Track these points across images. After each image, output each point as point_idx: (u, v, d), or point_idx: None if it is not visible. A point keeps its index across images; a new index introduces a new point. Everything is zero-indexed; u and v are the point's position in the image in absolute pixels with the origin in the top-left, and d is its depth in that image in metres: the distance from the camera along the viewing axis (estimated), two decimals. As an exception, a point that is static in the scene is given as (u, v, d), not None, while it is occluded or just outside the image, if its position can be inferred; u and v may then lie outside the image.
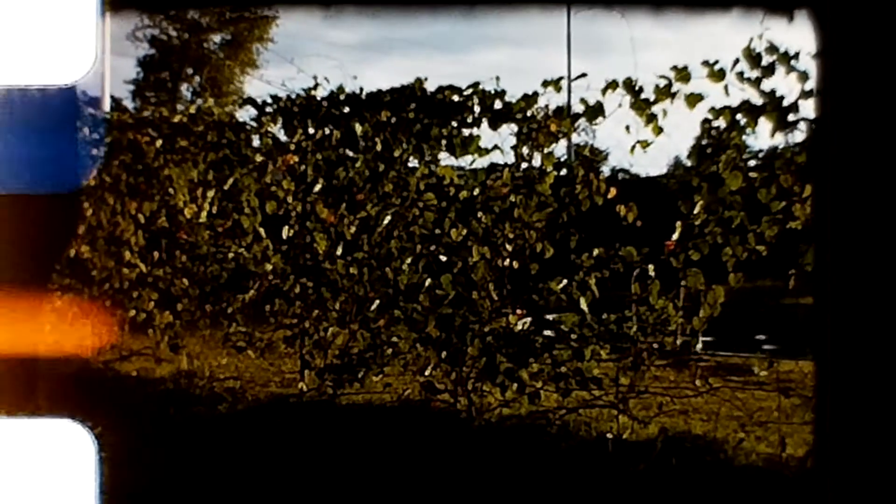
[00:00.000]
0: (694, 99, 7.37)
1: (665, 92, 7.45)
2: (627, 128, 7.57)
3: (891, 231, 2.89)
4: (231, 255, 9.89)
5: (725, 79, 7.14)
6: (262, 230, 9.72)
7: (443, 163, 8.59)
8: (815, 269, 6.41)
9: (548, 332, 8.14)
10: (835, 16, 2.90)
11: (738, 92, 7.13)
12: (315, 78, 9.12)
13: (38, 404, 2.86)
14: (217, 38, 34.37)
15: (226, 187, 9.90)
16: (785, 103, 7.00)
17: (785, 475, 6.87)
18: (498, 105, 8.23)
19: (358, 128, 8.79)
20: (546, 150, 8.17)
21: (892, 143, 2.87)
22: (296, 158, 9.29)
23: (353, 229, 8.99)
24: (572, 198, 8.07)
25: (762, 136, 7.25)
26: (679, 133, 7.70)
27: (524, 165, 8.27)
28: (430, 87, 8.57)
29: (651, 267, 7.70)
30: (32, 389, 2.89)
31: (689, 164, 7.65)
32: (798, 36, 6.97)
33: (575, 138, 9.05)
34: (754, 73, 7.04)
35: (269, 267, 9.58)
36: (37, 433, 2.70)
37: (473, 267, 8.23)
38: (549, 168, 8.14)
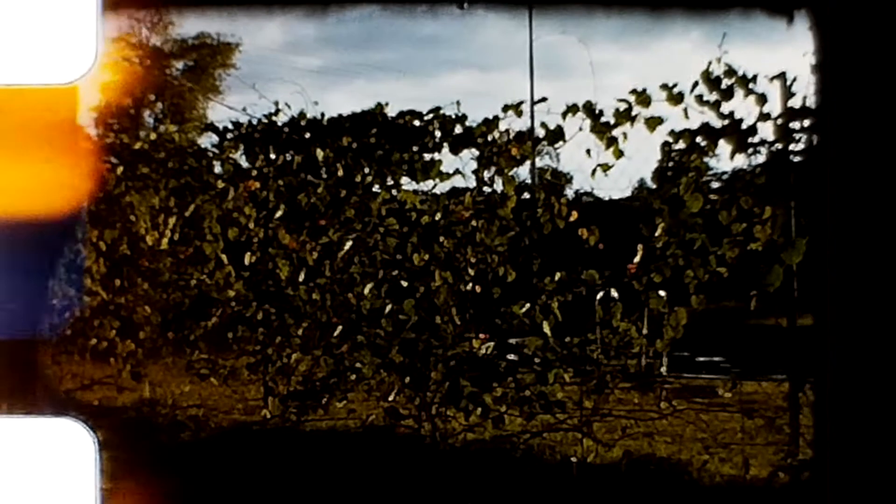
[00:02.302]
0: (654, 122, 7.40)
1: (625, 115, 7.48)
2: (588, 151, 7.59)
3: (891, 231, 2.90)
4: (193, 282, 9.82)
5: (685, 102, 7.18)
6: (224, 257, 9.66)
7: (404, 188, 8.59)
8: (816, 287, 6.45)
9: (511, 356, 8.13)
10: (834, 15, 2.91)
11: (697, 115, 7.18)
12: (276, 104, 9.12)
13: (36, 403, 2.84)
14: (180, 64, 34.30)
15: (187, 214, 9.84)
16: (744, 126, 7.05)
17: (749, 496, 6.88)
18: (458, 130, 8.25)
19: (319, 153, 8.78)
20: (508, 174, 8.18)
21: (893, 144, 2.88)
22: (257, 184, 9.26)
23: (315, 255, 8.96)
24: (534, 221, 8.08)
25: (722, 159, 7.30)
26: (640, 156, 7.72)
27: (486, 190, 8.28)
28: (392, 112, 8.59)
29: (613, 290, 7.71)
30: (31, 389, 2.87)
31: (652, 186, 7.68)
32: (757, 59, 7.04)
33: (540, 162, 9.08)
34: (713, 96, 7.09)
35: (231, 294, 9.53)
36: (36, 432, 2.69)
37: (436, 292, 8.22)
38: (511, 192, 8.15)
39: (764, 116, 6.99)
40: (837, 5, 2.92)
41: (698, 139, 7.23)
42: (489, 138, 8.16)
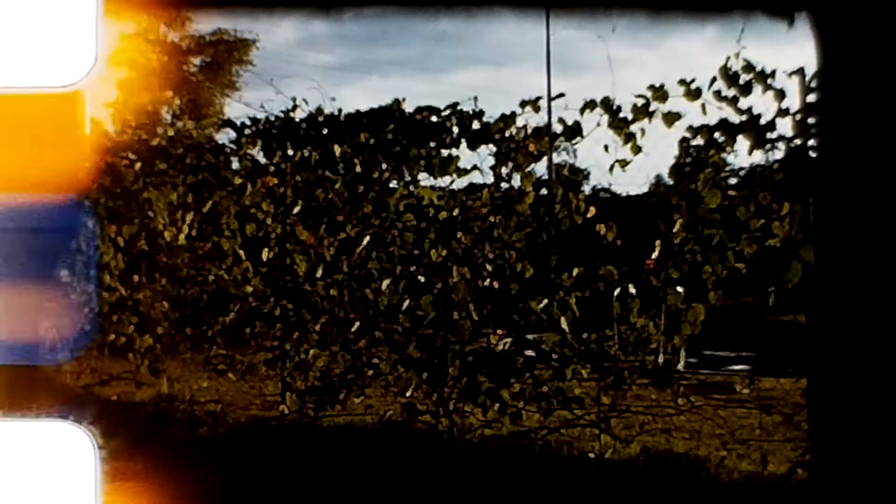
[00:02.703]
0: (672, 118, 7.38)
1: (643, 111, 7.46)
2: (606, 147, 7.58)
3: (891, 231, 2.89)
4: (211, 277, 9.85)
5: (703, 97, 7.16)
6: (241, 252, 9.68)
7: (422, 183, 8.59)
8: (815, 286, 6.43)
9: (529, 352, 8.14)
10: (834, 17, 2.90)
11: (715, 110, 7.16)
12: (294, 100, 9.12)
13: (37, 406, 2.84)
14: (197, 60, 34.33)
15: (205, 210, 9.86)
16: (762, 121, 7.03)
17: (767, 493, 6.86)
18: (476, 125, 8.24)
19: (337, 149, 8.78)
20: (525, 170, 8.17)
21: (893, 145, 2.88)
22: (275, 180, 9.27)
23: (332, 251, 8.97)
24: (552, 217, 8.07)
25: (741, 154, 7.28)
26: (658, 152, 7.71)
27: (503, 185, 8.27)
28: (409, 107, 8.59)
29: (631, 286, 7.71)
30: (32, 392, 2.88)
31: (670, 182, 7.67)
32: (775, 55, 7.02)
33: (557, 158, 9.08)
34: (731, 92, 7.07)
35: (249, 289, 9.55)
36: (36, 435, 2.69)
37: (453, 287, 8.22)
38: (529, 188, 8.14)
39: (782, 112, 6.97)
40: (837, 7, 2.91)
41: (716, 135, 7.21)
42: (507, 134, 8.15)
